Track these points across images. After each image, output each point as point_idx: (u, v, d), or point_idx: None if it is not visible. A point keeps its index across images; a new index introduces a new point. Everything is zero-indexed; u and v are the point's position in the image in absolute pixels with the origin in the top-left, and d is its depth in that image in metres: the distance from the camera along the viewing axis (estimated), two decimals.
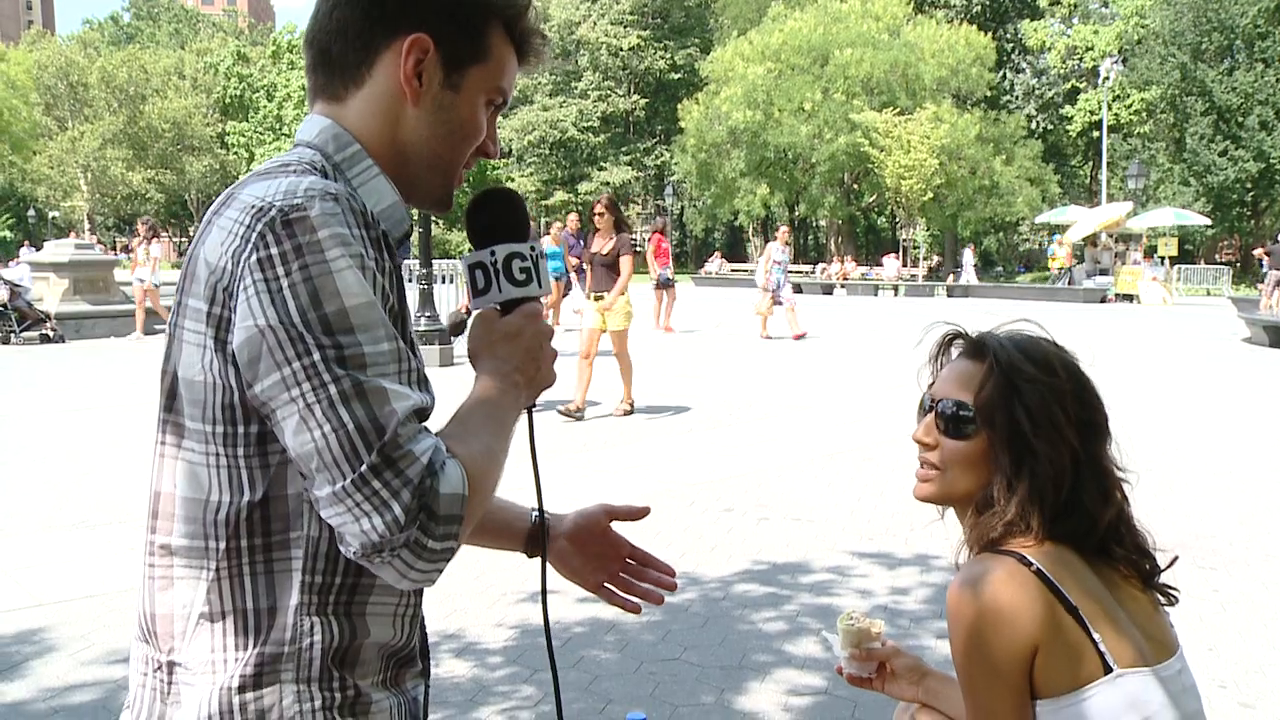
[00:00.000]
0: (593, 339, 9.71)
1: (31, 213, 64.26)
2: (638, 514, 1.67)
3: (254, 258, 1.10)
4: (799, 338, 17.02)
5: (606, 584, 1.65)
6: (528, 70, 1.36)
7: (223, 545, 1.16)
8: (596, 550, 1.65)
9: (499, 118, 1.39)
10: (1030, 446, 1.60)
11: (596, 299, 9.71)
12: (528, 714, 3.59)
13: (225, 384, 1.14)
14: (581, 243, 18.14)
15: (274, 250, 1.10)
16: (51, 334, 16.93)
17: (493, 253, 1.30)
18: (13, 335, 16.43)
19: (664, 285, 19.22)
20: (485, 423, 1.22)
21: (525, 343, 1.30)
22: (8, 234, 60.64)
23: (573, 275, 18.08)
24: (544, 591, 1.46)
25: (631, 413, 9.78)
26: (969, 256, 41.33)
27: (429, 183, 1.32)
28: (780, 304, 17.22)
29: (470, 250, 1.34)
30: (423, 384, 1.17)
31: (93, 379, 12.73)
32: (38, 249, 17.28)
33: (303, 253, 1.09)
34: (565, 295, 18.23)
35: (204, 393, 1.15)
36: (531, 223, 1.35)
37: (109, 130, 61.85)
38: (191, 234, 76.43)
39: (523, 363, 1.29)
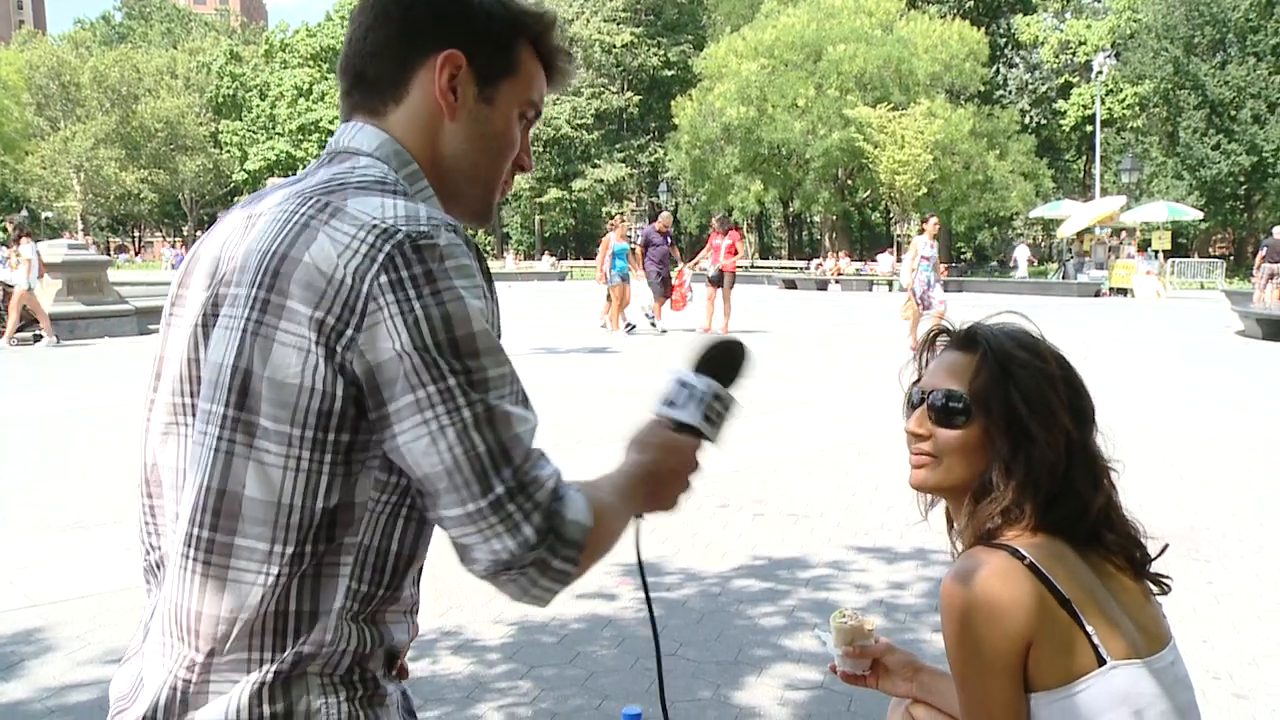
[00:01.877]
0: None
1: (24, 213, 64.13)
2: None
3: (384, 278, 1.13)
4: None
5: None
6: (555, 88, 1.41)
7: (290, 550, 1.16)
8: None
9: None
10: (1027, 431, 1.62)
11: None
12: (526, 710, 3.59)
13: (328, 391, 1.14)
14: (668, 241, 18.07)
15: (404, 274, 1.13)
16: (43, 335, 16.89)
17: (709, 384, 1.41)
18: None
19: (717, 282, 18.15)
20: (613, 492, 1.31)
21: (675, 465, 1.40)
22: (1, 234, 60.53)
23: (640, 272, 17.85)
24: (651, 615, 1.65)
25: None
26: (1023, 251, 41.60)
27: (469, 195, 1.36)
28: (928, 308, 14.57)
29: (689, 369, 1.45)
30: (527, 403, 1.23)
31: (86, 379, 12.71)
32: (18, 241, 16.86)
33: (434, 279, 1.13)
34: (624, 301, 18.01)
35: (298, 396, 1.14)
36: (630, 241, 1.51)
37: (101, 130, 61.79)
38: (185, 233, 76.33)
39: (662, 479, 1.39)
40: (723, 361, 1.45)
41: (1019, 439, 1.62)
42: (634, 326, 18.17)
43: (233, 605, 1.17)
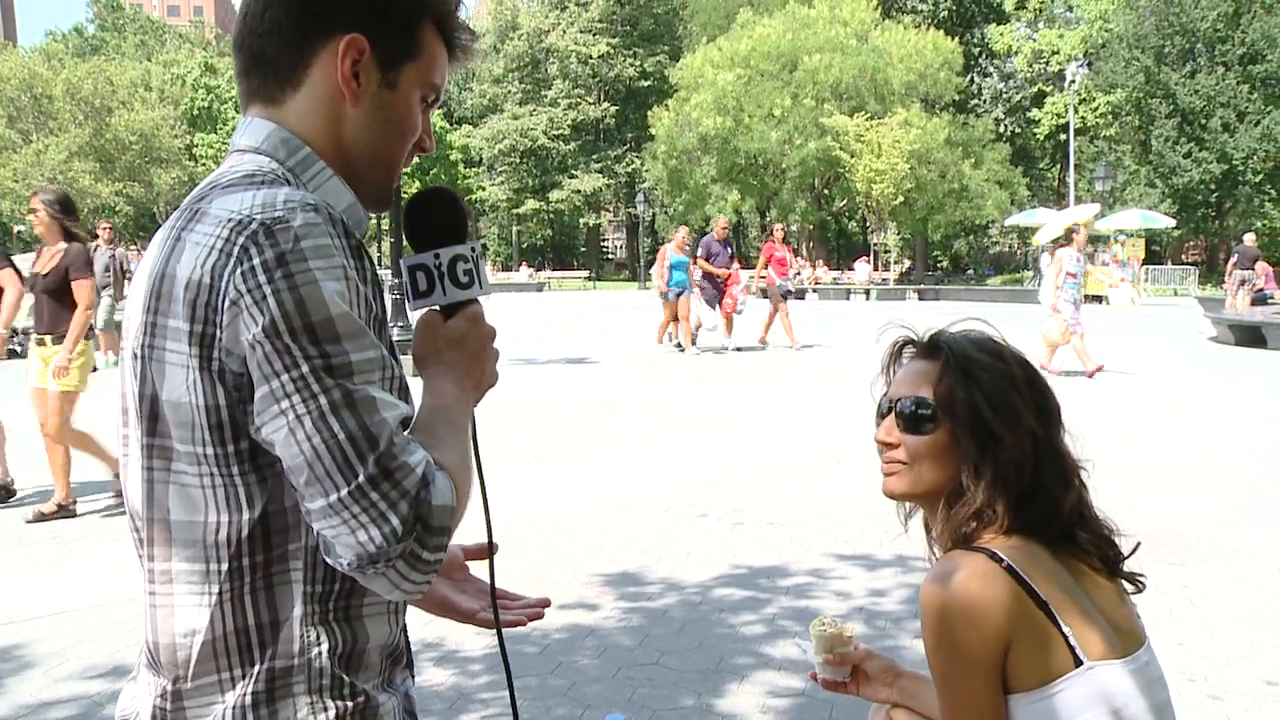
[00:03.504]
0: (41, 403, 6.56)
1: None
2: (481, 553, 1.53)
3: (238, 271, 1.09)
4: (1094, 374, 12.73)
5: (481, 613, 1.58)
6: (457, 65, 1.36)
7: (225, 566, 1.15)
8: (460, 577, 1.61)
9: (434, 114, 1.37)
10: (992, 431, 1.65)
11: (39, 343, 6.57)
12: None
13: (212, 403, 1.12)
14: (729, 249, 16.63)
15: (256, 261, 1.09)
16: (19, 350, 16.76)
17: (437, 255, 1.29)
18: None
19: (784, 296, 17.00)
20: (450, 431, 1.21)
21: (472, 346, 1.30)
22: None
23: (697, 288, 16.40)
24: (494, 601, 1.47)
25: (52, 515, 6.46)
26: (1047, 259, 41.86)
27: (370, 181, 1.31)
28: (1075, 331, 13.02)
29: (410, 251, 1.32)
30: (404, 393, 1.17)
31: None
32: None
33: (286, 262, 1.09)
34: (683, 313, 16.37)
35: (191, 414, 1.13)
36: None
37: (75, 143, 61.28)
38: None
39: (470, 367, 1.29)
40: (435, 221, 1.32)
41: (985, 440, 1.65)
42: (681, 346, 16.46)
43: (185, 630, 1.16)
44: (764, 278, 17.19)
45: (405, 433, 1.13)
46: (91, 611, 4.72)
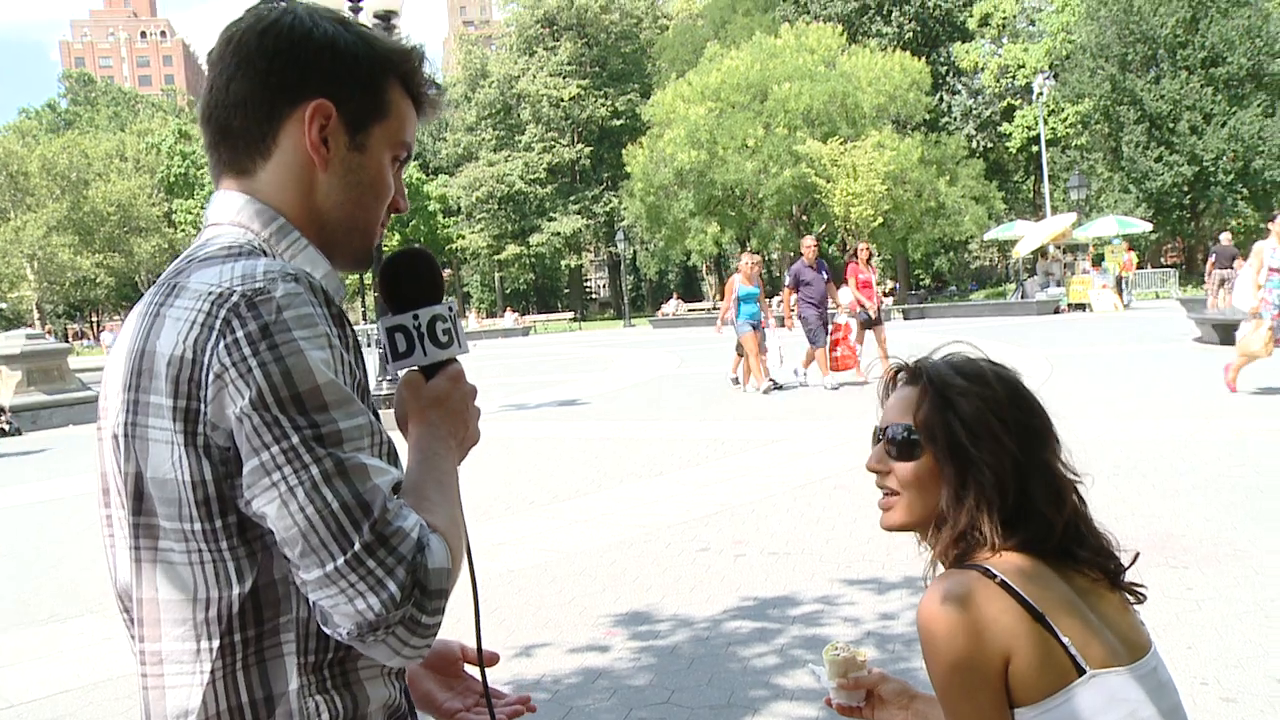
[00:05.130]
0: None
1: None
2: (490, 660, 1.48)
3: (221, 344, 1.09)
4: None
5: (463, 713, 1.53)
6: (425, 120, 1.37)
7: (216, 644, 1.13)
8: (452, 674, 1.58)
9: (406, 172, 1.36)
10: (969, 455, 1.66)
11: None
12: None
13: (199, 479, 1.11)
14: (825, 274, 14.75)
15: (240, 333, 1.09)
16: (7, 427, 16.69)
17: (415, 316, 1.29)
18: None
19: (869, 324, 15.51)
20: (439, 492, 1.21)
21: (455, 405, 1.30)
22: None
23: (771, 321, 14.97)
24: (490, 708, 1.45)
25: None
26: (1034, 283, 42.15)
27: (347, 245, 1.31)
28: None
29: (388, 314, 1.31)
30: (393, 457, 1.16)
31: (54, 470, 12.54)
32: None
33: (270, 333, 1.08)
34: (764, 350, 14.88)
35: (178, 490, 1.12)
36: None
37: (53, 217, 61.31)
38: None
39: (454, 426, 1.29)
40: (410, 283, 1.32)
41: (963, 463, 1.66)
42: (779, 385, 14.91)
43: (178, 711, 1.14)
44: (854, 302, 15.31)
45: (396, 497, 1.12)
46: (95, 689, 4.68)
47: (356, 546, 1.06)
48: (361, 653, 1.18)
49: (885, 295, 47.60)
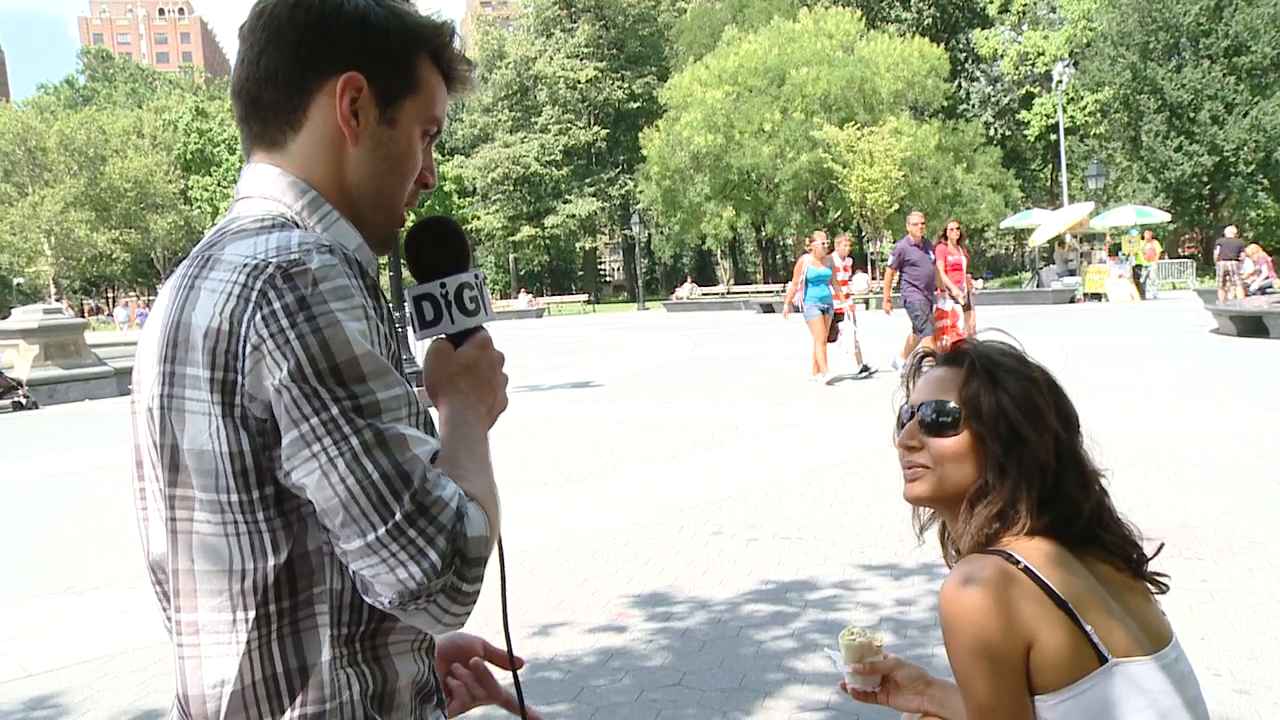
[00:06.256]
0: None
1: None
2: (520, 664, 1.48)
3: (258, 316, 1.09)
4: None
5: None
6: (455, 96, 1.37)
7: (252, 614, 1.14)
8: (473, 664, 1.57)
9: (437, 148, 1.38)
10: (1017, 432, 1.68)
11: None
12: None
13: (235, 450, 1.11)
14: (931, 253, 13.68)
15: (276, 305, 1.09)
16: (25, 401, 16.80)
17: (443, 285, 1.29)
18: None
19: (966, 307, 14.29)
20: (473, 459, 1.22)
21: (483, 373, 1.31)
22: None
23: (844, 307, 14.03)
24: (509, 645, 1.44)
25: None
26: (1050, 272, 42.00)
27: (374, 221, 1.30)
28: None
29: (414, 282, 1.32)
30: (429, 427, 1.17)
31: (71, 443, 12.63)
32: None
33: (308, 305, 1.09)
34: (832, 337, 13.95)
35: (215, 462, 1.12)
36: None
37: (70, 193, 61.59)
38: (159, 291, 75.36)
39: (484, 393, 1.30)
40: (438, 250, 1.33)
41: (1011, 441, 1.68)
42: (870, 371, 14.25)
43: (214, 681, 1.15)
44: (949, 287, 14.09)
45: (434, 467, 1.13)
46: (111, 660, 4.71)
47: (398, 516, 1.07)
48: (393, 627, 1.20)
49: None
